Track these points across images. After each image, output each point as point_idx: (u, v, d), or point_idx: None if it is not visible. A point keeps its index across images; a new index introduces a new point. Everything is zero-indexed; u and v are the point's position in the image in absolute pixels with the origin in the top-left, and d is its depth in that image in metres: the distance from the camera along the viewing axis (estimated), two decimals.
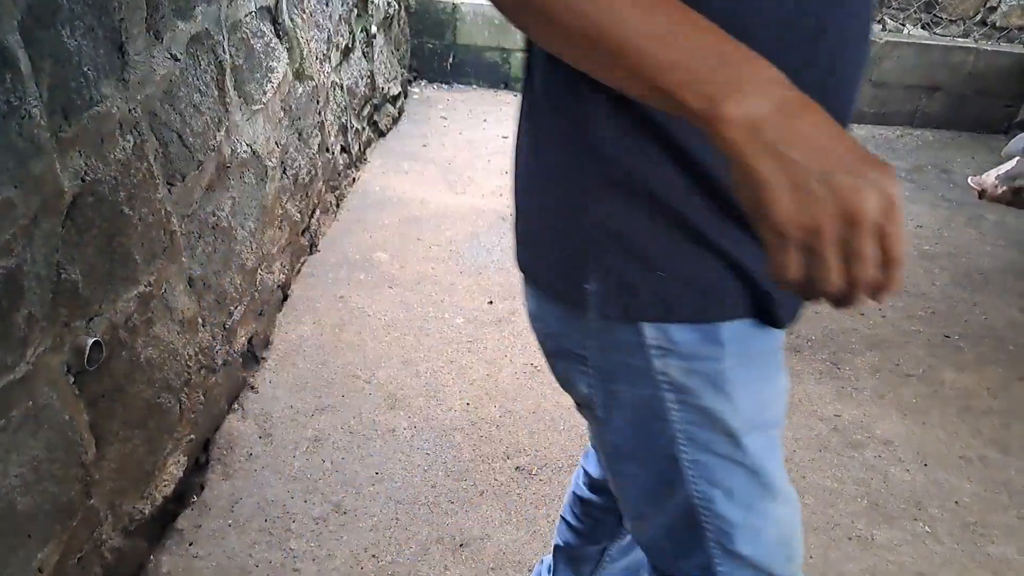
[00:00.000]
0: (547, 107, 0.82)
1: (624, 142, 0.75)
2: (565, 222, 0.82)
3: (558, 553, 1.51)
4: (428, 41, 4.80)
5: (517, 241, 0.93)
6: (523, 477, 2.01)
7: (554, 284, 0.85)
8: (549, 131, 0.82)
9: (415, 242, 3.04)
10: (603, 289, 0.80)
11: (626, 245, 0.78)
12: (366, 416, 2.19)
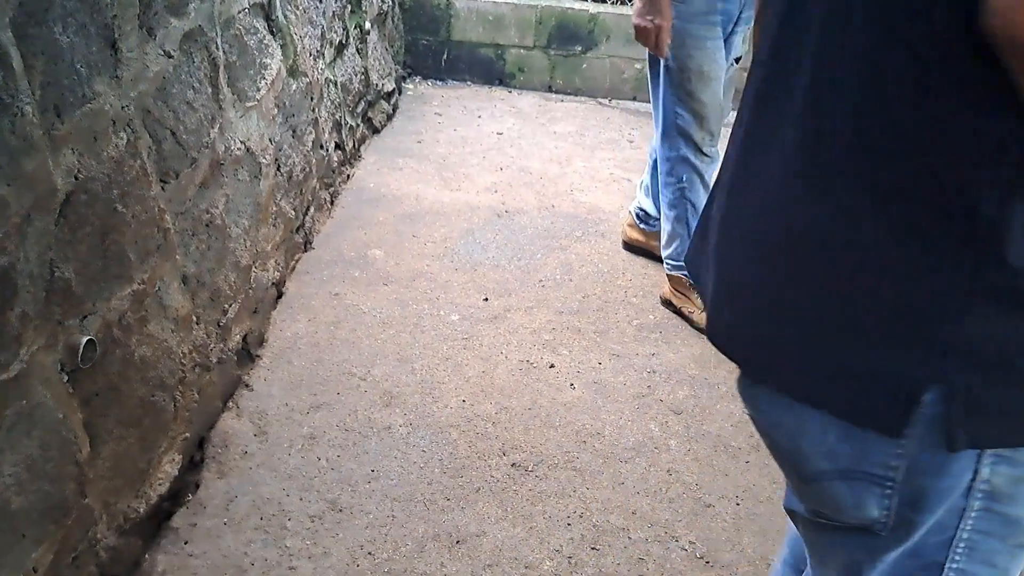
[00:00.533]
0: (899, 196, 0.68)
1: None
2: (901, 330, 0.69)
3: None
4: (422, 37, 4.80)
5: (755, 338, 0.80)
6: (519, 474, 2.02)
7: (853, 400, 0.73)
8: (897, 222, 0.68)
9: (410, 239, 3.04)
10: (945, 411, 0.69)
11: (994, 363, 0.67)
12: (361, 413, 2.19)
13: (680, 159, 2.53)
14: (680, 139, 2.50)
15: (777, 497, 1.99)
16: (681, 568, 1.79)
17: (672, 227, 2.63)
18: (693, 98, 2.44)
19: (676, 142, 2.51)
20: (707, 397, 2.32)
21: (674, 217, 2.61)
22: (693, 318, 2.64)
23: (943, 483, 0.73)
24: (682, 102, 2.45)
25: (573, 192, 3.54)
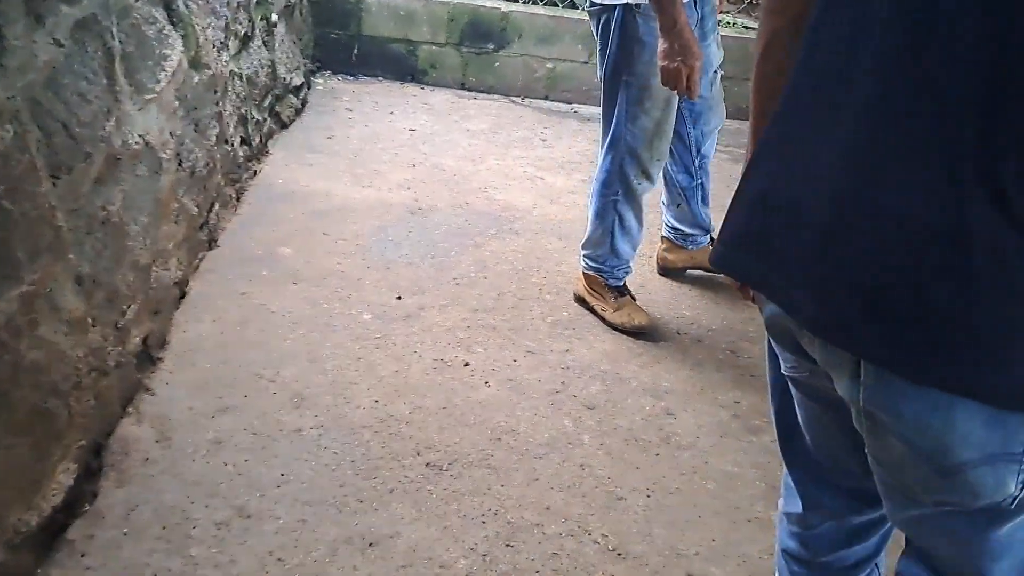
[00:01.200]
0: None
1: None
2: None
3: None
4: (332, 32, 4.71)
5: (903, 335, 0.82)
6: (433, 474, 2.00)
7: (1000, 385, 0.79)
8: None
9: (320, 236, 2.98)
10: None
11: None
12: (270, 416, 2.14)
13: (620, 175, 2.52)
14: (626, 155, 2.49)
15: (687, 488, 2.03)
16: (594, 561, 1.81)
17: (596, 234, 2.63)
18: (649, 116, 2.44)
19: (621, 157, 2.50)
20: (619, 392, 2.36)
21: (600, 225, 2.61)
22: (606, 316, 2.67)
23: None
24: (636, 120, 2.44)
25: (487, 190, 3.54)
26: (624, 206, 2.56)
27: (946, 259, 0.78)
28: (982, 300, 0.77)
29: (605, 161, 2.55)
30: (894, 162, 0.82)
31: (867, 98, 0.84)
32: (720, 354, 2.59)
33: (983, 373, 0.78)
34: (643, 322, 2.64)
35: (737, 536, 1.92)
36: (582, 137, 4.28)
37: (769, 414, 2.18)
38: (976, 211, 0.76)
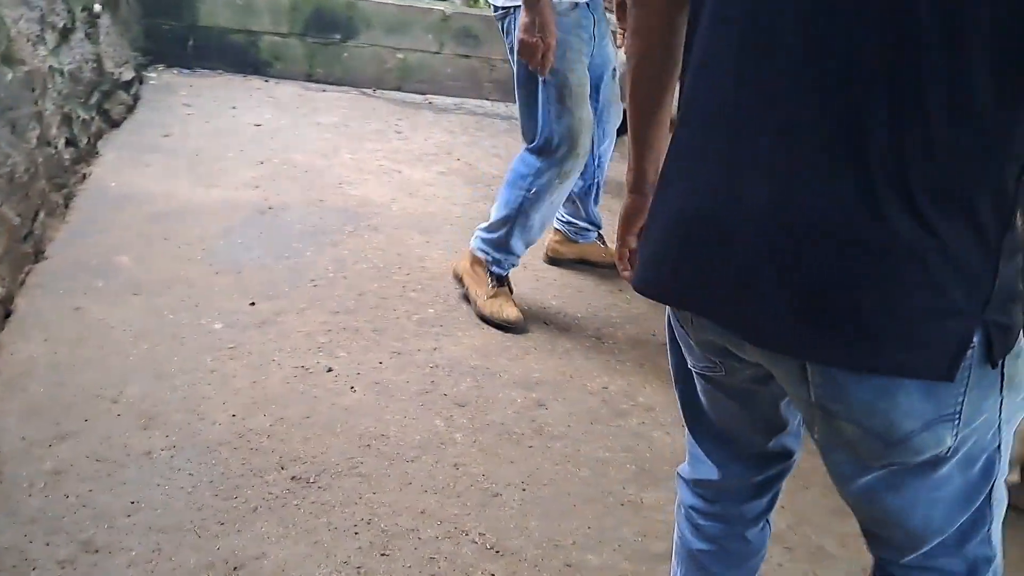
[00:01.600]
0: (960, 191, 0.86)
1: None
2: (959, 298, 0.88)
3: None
4: (164, 22, 4.43)
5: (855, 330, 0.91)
6: (300, 487, 1.91)
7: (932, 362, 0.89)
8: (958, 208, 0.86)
9: (162, 242, 2.79)
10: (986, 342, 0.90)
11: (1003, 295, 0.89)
12: (116, 440, 1.97)
13: (538, 172, 2.50)
14: (547, 153, 2.48)
15: (561, 478, 2.04)
16: (472, 561, 1.78)
17: (500, 222, 2.60)
18: (572, 114, 2.43)
19: (544, 156, 2.49)
20: (489, 387, 2.33)
21: (506, 216, 2.59)
22: (477, 302, 2.64)
23: (988, 392, 0.95)
24: (560, 118, 2.43)
25: (341, 185, 3.43)
26: (532, 204, 2.55)
27: (871, 264, 0.87)
28: (906, 296, 0.88)
29: (529, 159, 2.53)
30: (812, 176, 0.89)
31: (778, 115, 0.90)
32: (587, 341, 2.62)
33: (915, 355, 0.90)
34: (511, 317, 2.62)
35: (612, 521, 1.94)
36: (438, 128, 4.23)
37: (662, 396, 2.22)
38: (892, 218, 0.85)
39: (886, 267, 0.87)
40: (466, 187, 3.61)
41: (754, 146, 0.92)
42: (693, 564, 1.34)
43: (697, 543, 1.33)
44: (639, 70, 1.12)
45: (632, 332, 2.69)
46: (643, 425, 2.28)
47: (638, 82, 1.13)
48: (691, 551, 1.34)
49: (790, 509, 2.05)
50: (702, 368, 1.16)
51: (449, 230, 3.20)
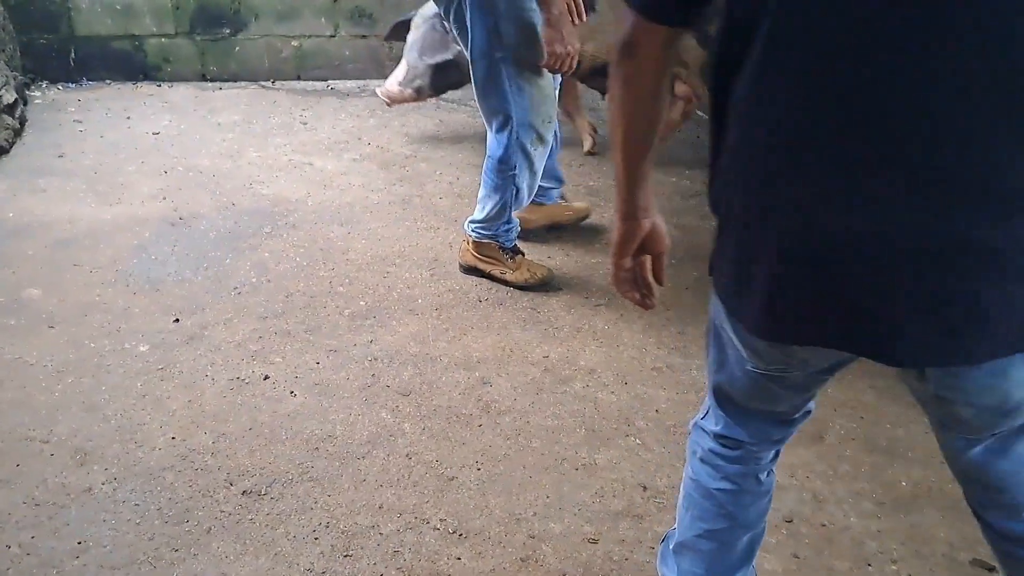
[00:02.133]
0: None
1: None
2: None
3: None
4: (41, 37, 4.21)
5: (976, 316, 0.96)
6: (252, 501, 1.87)
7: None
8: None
9: (72, 268, 2.68)
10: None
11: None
12: (52, 481, 1.90)
13: (518, 148, 2.54)
14: (520, 128, 2.52)
15: (514, 452, 2.05)
16: (436, 548, 1.78)
17: (491, 206, 2.65)
18: (533, 85, 2.48)
19: (516, 132, 2.52)
20: (432, 372, 2.32)
21: (499, 199, 2.63)
22: (507, 278, 2.71)
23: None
24: (523, 91, 2.48)
25: (252, 185, 3.34)
26: (521, 178, 2.62)
27: (995, 268, 0.93)
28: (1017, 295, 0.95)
29: (500, 139, 2.55)
30: (967, 193, 0.91)
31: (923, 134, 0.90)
32: (522, 313, 2.62)
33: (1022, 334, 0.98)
34: (545, 274, 2.76)
35: (569, 487, 1.96)
36: (344, 114, 4.15)
37: (601, 356, 2.23)
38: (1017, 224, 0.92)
39: (1011, 269, 0.93)
40: (381, 172, 3.55)
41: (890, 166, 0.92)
42: (711, 502, 1.40)
43: (716, 483, 1.39)
44: (634, 117, 1.11)
45: (565, 298, 2.71)
46: (587, 388, 2.30)
47: (633, 126, 1.12)
48: (709, 490, 1.39)
49: None
50: (771, 371, 1.19)
51: (370, 218, 3.15)
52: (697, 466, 1.42)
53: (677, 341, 2.52)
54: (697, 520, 1.43)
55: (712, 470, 1.39)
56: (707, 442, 1.40)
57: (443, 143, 3.87)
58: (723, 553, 1.44)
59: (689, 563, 1.47)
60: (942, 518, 1.92)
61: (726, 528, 1.41)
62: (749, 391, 1.27)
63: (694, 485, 1.43)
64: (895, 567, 1.80)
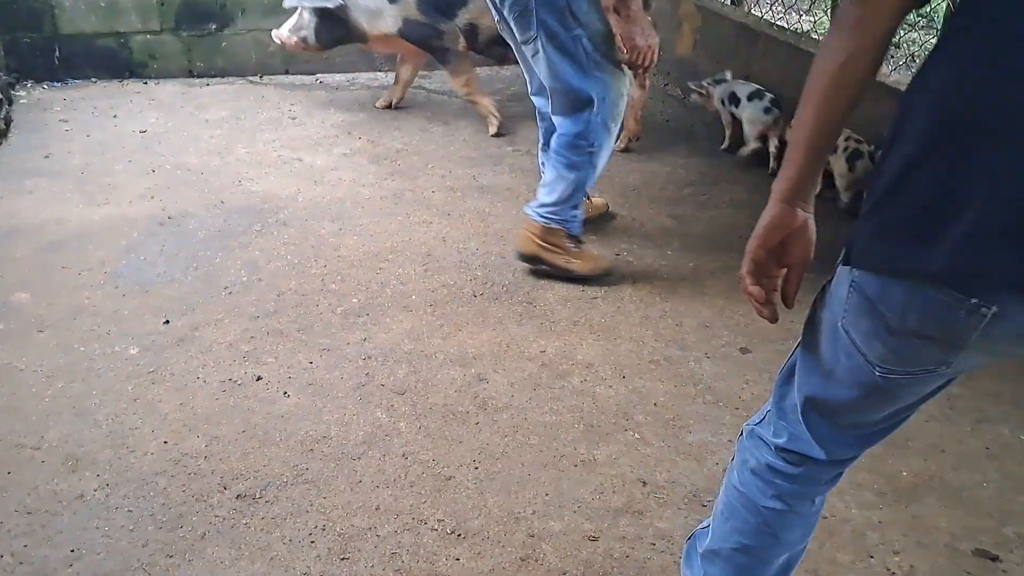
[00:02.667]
0: None
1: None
2: None
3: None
4: (24, 35, 4.16)
5: None
6: (246, 505, 1.85)
7: None
8: None
9: (60, 271, 2.64)
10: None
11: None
12: (44, 488, 1.87)
13: (600, 124, 2.54)
14: (603, 105, 2.51)
15: (512, 450, 2.03)
16: (435, 549, 1.76)
17: (564, 187, 2.61)
18: (608, 59, 2.50)
19: (600, 109, 2.51)
20: (427, 369, 2.30)
21: (574, 179, 2.61)
22: (572, 268, 2.69)
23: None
24: (601, 66, 2.48)
25: (242, 182, 3.30)
26: (600, 157, 2.62)
27: None
28: None
29: (580, 117, 2.54)
30: None
31: None
32: (518, 308, 2.60)
33: None
34: (609, 265, 2.77)
35: (568, 484, 1.94)
36: (334, 108, 4.11)
37: (599, 351, 2.20)
38: None
39: None
40: (372, 166, 3.52)
41: None
42: (756, 519, 1.32)
43: (766, 500, 1.31)
44: (845, 69, 1.01)
45: (561, 292, 2.68)
46: (585, 383, 2.28)
47: (840, 84, 1.02)
48: (757, 506, 1.32)
49: (736, 442, 2.09)
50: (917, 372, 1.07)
51: (361, 214, 3.12)
52: (748, 478, 1.34)
53: (675, 333, 2.50)
54: (736, 533, 1.36)
55: (764, 485, 1.31)
56: (765, 454, 1.31)
57: (434, 136, 3.84)
58: (758, 569, 1.37)
59: (718, 572, 1.41)
60: (943, 508, 1.91)
61: (767, 546, 1.35)
62: (856, 402, 1.15)
63: (739, 497, 1.35)
64: (897, 558, 1.78)
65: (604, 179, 3.44)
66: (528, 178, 3.42)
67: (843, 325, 1.08)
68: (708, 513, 1.86)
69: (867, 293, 1.03)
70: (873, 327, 1.04)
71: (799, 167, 1.08)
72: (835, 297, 1.10)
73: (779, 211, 1.10)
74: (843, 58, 1.01)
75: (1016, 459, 2.07)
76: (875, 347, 1.06)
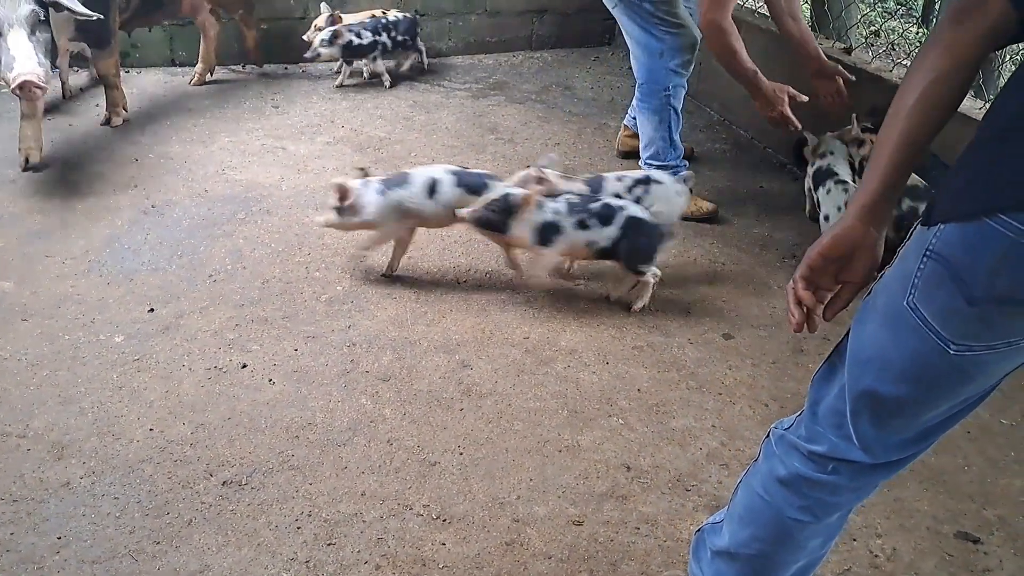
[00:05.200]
0: None
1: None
2: None
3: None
4: None
5: None
6: (232, 491, 1.86)
7: None
8: None
9: (43, 260, 2.63)
10: None
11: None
12: (30, 476, 1.87)
13: (668, 72, 2.95)
14: (665, 54, 2.93)
15: (496, 435, 2.05)
16: (420, 534, 1.78)
17: (653, 131, 3.04)
18: (671, 16, 2.91)
19: (662, 58, 2.94)
20: (411, 356, 2.31)
21: (657, 121, 3.03)
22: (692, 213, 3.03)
23: None
24: (662, 23, 2.91)
25: (225, 171, 3.29)
26: (675, 99, 3.00)
27: None
28: None
29: (651, 65, 2.97)
30: None
31: None
32: (501, 295, 2.61)
33: None
34: (711, 208, 3.07)
35: (552, 469, 1.96)
36: (316, 97, 4.09)
37: (582, 336, 2.21)
38: None
39: None
40: (356, 154, 3.51)
41: None
42: (778, 529, 1.30)
43: (792, 511, 1.28)
44: (935, 89, 1.02)
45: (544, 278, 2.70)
46: (568, 368, 2.30)
47: (929, 102, 1.03)
48: (783, 517, 1.29)
49: (720, 427, 2.12)
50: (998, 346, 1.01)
51: None
52: (774, 488, 1.29)
53: (657, 319, 2.52)
54: (756, 540, 1.34)
55: (793, 497, 1.27)
56: (795, 462, 1.26)
57: (417, 124, 3.83)
58: (775, 572, 1.36)
59: (735, 574, 1.40)
60: (926, 492, 1.95)
61: (787, 552, 1.33)
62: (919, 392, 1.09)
63: (764, 505, 1.31)
64: (880, 541, 1.82)
65: (584, 168, 3.46)
66: (510, 166, 3.43)
67: (910, 303, 1.04)
68: (692, 497, 1.89)
69: (949, 258, 0.98)
70: (950, 298, 0.99)
71: (879, 185, 1.06)
72: (898, 277, 1.06)
73: (850, 226, 1.09)
74: (933, 77, 1.01)
75: (997, 443, 2.11)
76: (952, 321, 1.00)
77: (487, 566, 1.71)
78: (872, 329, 1.11)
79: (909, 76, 1.05)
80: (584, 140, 3.75)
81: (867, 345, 1.12)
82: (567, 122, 3.95)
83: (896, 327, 1.07)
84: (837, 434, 1.21)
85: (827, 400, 1.22)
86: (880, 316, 1.10)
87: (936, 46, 1.02)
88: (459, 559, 1.72)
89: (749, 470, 1.39)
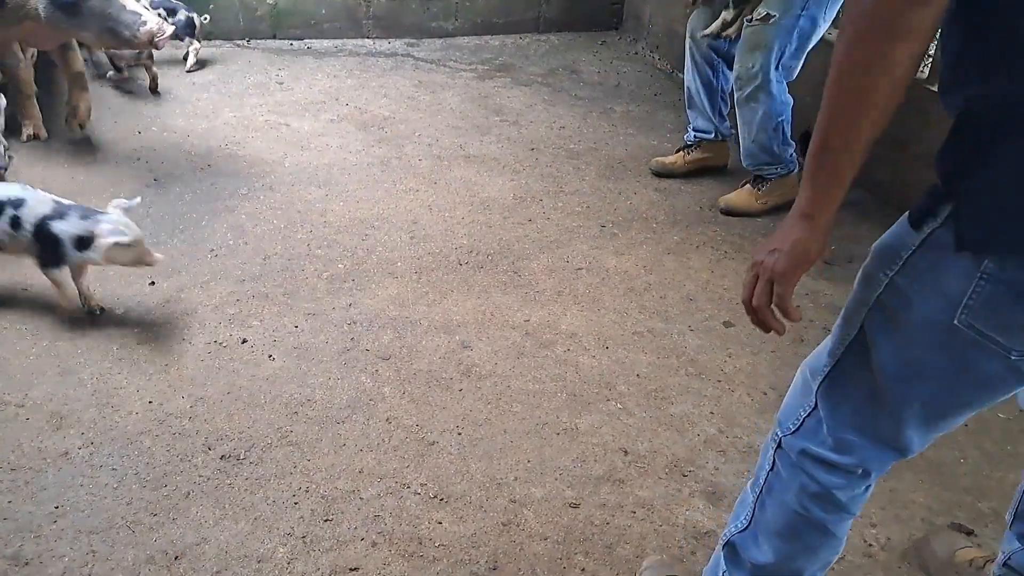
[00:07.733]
0: None
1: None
2: None
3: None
4: None
5: None
6: (231, 465, 1.86)
7: None
8: None
9: None
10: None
11: None
12: (28, 445, 1.88)
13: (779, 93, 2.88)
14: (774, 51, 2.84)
15: (495, 417, 2.05)
16: (417, 512, 1.78)
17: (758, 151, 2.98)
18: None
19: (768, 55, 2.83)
20: (411, 336, 2.31)
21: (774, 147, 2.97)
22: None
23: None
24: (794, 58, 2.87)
25: (228, 146, 3.28)
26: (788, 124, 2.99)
27: None
28: None
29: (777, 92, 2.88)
30: None
31: None
32: (503, 276, 2.61)
33: None
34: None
35: (550, 451, 1.97)
36: (321, 74, 4.07)
37: (582, 321, 2.20)
38: None
39: None
40: (359, 132, 3.49)
41: None
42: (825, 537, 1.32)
43: (835, 519, 1.31)
44: (907, 77, 0.98)
45: (546, 261, 2.69)
46: (568, 352, 2.30)
47: (899, 91, 0.98)
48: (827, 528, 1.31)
49: (718, 414, 2.12)
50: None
51: (348, 180, 3.11)
52: (810, 503, 1.29)
53: (658, 305, 2.52)
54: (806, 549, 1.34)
55: (831, 507, 1.28)
56: (821, 474, 1.26)
57: (422, 104, 3.81)
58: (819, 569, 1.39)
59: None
60: (921, 483, 1.95)
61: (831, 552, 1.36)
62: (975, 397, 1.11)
63: (804, 521, 1.30)
64: (874, 531, 1.82)
65: (589, 152, 3.45)
66: (515, 148, 3.41)
67: (964, 322, 1.02)
68: (688, 483, 1.90)
69: (1012, 280, 0.97)
70: (1014, 314, 0.98)
71: (833, 182, 1.05)
72: (938, 295, 1.04)
73: (806, 230, 1.08)
74: (909, 64, 0.97)
75: (993, 436, 2.11)
76: (1016, 333, 1.00)
77: (483, 545, 1.71)
78: (909, 348, 1.10)
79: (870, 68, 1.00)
80: (589, 124, 3.74)
81: (910, 361, 1.11)
82: (572, 106, 3.93)
83: (946, 344, 1.06)
84: (865, 439, 1.21)
85: (848, 409, 1.21)
86: (919, 333, 1.08)
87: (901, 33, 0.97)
88: (455, 538, 1.73)
89: (770, 482, 1.35)
